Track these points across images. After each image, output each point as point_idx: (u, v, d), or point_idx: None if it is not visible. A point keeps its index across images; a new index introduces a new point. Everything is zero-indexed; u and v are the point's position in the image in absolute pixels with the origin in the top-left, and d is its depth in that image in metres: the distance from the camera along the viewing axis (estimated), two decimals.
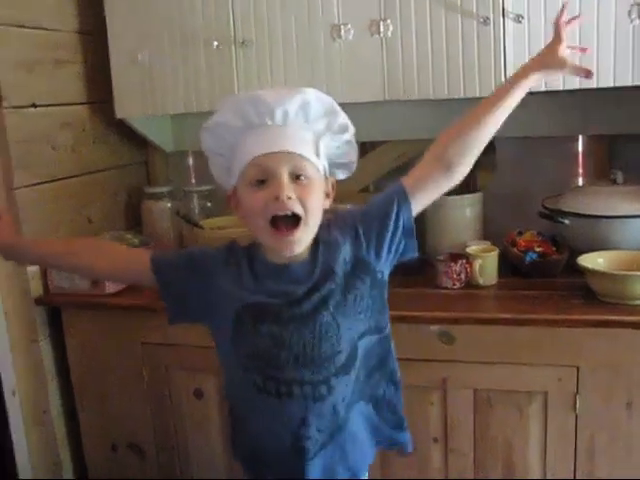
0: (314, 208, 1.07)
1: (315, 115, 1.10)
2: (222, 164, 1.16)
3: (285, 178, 1.05)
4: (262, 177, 1.06)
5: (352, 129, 1.16)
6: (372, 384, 1.19)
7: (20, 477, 1.82)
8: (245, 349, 1.13)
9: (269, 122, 1.07)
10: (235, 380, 1.19)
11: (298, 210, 1.05)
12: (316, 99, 1.09)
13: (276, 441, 1.16)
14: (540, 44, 1.57)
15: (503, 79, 1.60)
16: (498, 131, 1.91)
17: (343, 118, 1.13)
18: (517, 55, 1.59)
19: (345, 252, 1.12)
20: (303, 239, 1.08)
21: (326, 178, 1.14)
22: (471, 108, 1.13)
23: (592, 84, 1.56)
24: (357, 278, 1.12)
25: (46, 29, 1.86)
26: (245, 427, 1.22)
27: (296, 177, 1.06)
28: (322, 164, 1.12)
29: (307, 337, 1.09)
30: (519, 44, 1.59)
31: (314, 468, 1.14)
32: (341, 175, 1.20)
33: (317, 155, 1.10)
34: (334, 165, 1.17)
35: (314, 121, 1.10)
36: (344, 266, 1.11)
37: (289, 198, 1.04)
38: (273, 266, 1.13)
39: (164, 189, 2.17)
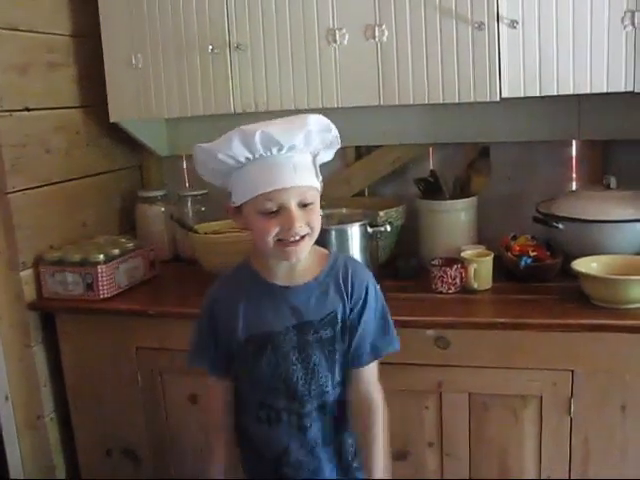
0: (317, 224, 1.19)
1: (314, 137, 1.17)
2: (215, 175, 1.22)
3: (295, 210, 1.15)
4: (274, 209, 1.15)
5: (339, 140, 1.24)
6: (346, 447, 1.30)
7: None
8: (247, 377, 1.26)
9: (275, 153, 1.14)
10: (239, 401, 1.30)
11: (305, 232, 1.17)
12: (317, 124, 1.16)
13: (263, 465, 1.28)
14: (534, 49, 1.58)
15: (497, 84, 1.61)
16: (492, 136, 1.94)
17: (334, 131, 1.21)
18: (511, 60, 1.60)
19: (348, 307, 1.23)
20: (306, 248, 1.19)
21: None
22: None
23: (586, 89, 1.57)
24: (344, 334, 1.24)
25: (40, 32, 1.85)
26: (240, 444, 1.32)
27: (303, 205, 1.16)
28: (319, 181, 1.20)
29: (300, 373, 1.22)
30: (514, 49, 1.59)
31: None
32: None
33: (317, 176, 1.19)
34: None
35: (312, 141, 1.17)
36: (343, 317, 1.23)
37: (299, 226, 1.15)
38: (271, 286, 1.22)
39: (158, 193, 2.17)
